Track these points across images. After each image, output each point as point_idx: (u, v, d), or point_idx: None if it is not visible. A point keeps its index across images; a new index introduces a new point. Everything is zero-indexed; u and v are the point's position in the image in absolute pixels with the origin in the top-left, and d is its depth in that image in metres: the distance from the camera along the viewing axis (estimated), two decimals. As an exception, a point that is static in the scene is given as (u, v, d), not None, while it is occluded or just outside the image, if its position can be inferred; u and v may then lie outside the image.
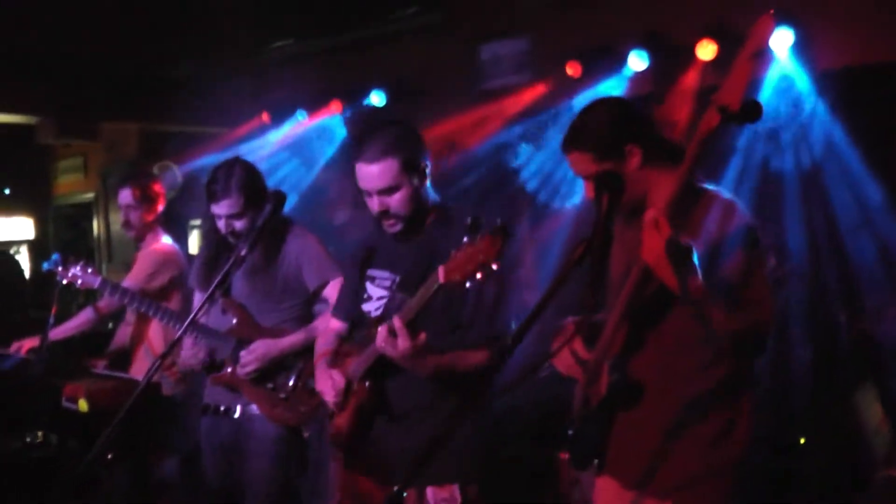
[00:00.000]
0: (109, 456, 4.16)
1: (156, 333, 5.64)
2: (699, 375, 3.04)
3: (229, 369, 4.57)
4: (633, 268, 2.93)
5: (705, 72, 6.36)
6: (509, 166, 7.59)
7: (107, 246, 11.03)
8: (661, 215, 2.71)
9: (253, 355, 4.48)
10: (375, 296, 3.73)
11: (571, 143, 3.14)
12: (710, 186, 3.07)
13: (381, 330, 3.33)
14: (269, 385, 4.53)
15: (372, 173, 3.50)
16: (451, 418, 3.47)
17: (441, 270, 3.03)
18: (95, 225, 11.28)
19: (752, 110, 2.57)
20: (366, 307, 3.77)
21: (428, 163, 3.61)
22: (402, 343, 3.27)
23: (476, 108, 7.68)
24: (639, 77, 6.75)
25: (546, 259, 6.44)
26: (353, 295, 3.89)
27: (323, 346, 4.05)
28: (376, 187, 3.52)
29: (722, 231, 2.91)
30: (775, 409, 5.32)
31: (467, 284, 2.94)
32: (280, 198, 3.80)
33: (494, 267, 2.88)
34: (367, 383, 3.61)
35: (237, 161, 4.56)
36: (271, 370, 4.51)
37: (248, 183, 4.46)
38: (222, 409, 4.65)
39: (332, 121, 8.69)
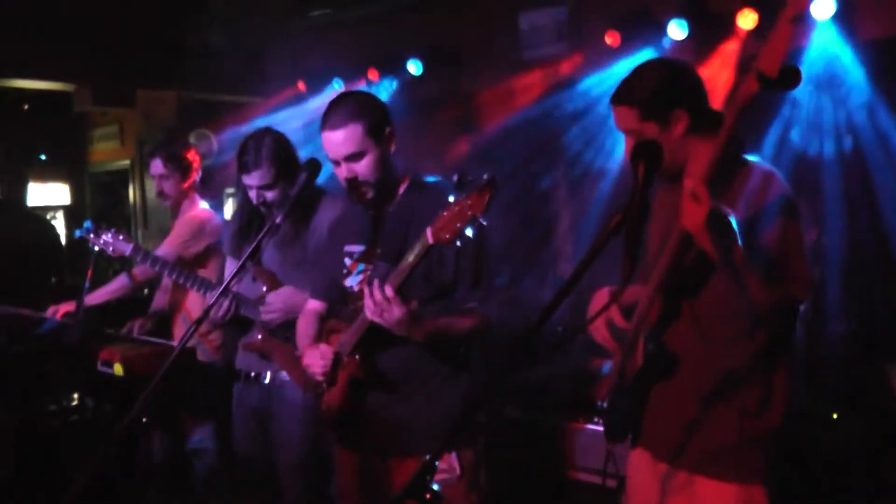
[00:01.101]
0: (144, 420, 4.18)
1: (193, 301, 5.65)
2: (736, 346, 3.03)
3: (259, 336, 4.59)
4: (672, 236, 2.92)
5: (746, 41, 6.31)
6: (546, 137, 7.56)
7: (142, 213, 11.11)
8: (700, 184, 2.70)
9: (279, 297, 4.51)
10: (357, 270, 3.76)
11: (620, 96, 3.14)
12: (749, 157, 3.06)
13: (372, 299, 3.34)
14: (298, 352, 4.53)
15: (336, 139, 3.55)
16: (449, 385, 3.59)
17: (429, 231, 3.07)
18: (131, 192, 11.36)
19: (790, 77, 2.54)
20: (347, 282, 3.80)
21: (393, 128, 3.66)
22: (397, 310, 3.30)
23: (514, 78, 7.66)
24: (678, 46, 6.70)
25: (582, 229, 6.44)
26: (331, 273, 3.92)
27: (305, 327, 4.04)
28: (342, 153, 3.56)
29: (761, 201, 2.90)
30: (809, 382, 5.31)
31: (457, 242, 3.00)
32: (315, 166, 3.80)
33: (483, 221, 2.93)
34: (356, 356, 3.62)
35: (267, 131, 4.56)
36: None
37: (279, 153, 4.47)
38: (252, 375, 4.70)
39: (369, 90, 8.69)
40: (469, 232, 2.98)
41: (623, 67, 6.89)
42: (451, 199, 3.01)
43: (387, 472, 3.71)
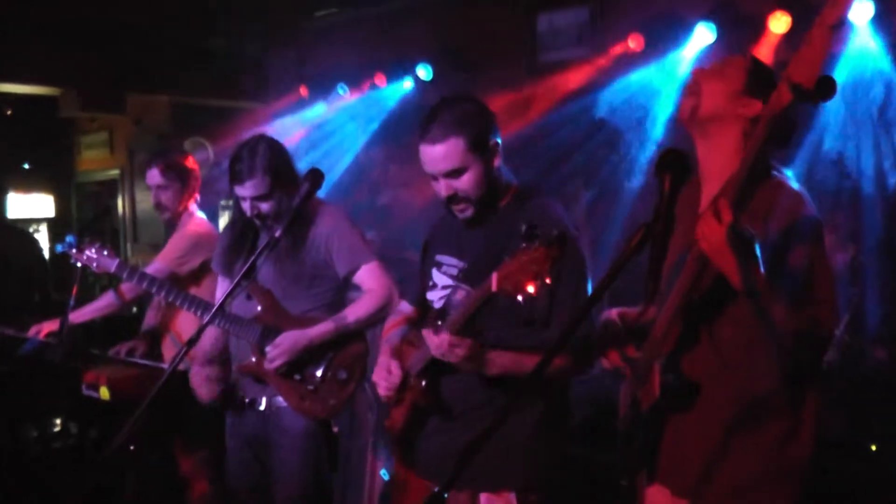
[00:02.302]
0: (132, 447, 4.17)
1: (185, 320, 5.64)
2: (760, 373, 3.01)
3: (254, 359, 4.57)
4: (689, 257, 2.91)
5: (778, 46, 6.31)
6: (564, 147, 7.56)
7: (132, 225, 11.15)
8: (723, 200, 2.69)
9: (279, 349, 4.46)
10: (440, 283, 3.73)
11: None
12: (778, 173, 3.05)
13: (430, 338, 3.33)
14: (297, 376, 4.52)
15: (437, 155, 3.46)
16: (506, 418, 3.50)
17: (494, 277, 2.98)
18: (121, 203, 11.38)
19: (826, 88, 2.53)
20: (430, 295, 3.77)
21: (498, 140, 3.56)
22: (459, 351, 3.28)
23: (530, 84, 7.66)
24: (706, 51, 6.71)
25: (603, 246, 6.43)
26: (422, 280, 3.90)
27: (390, 324, 4.05)
28: (442, 170, 3.48)
29: (786, 223, 2.88)
30: (846, 411, 5.28)
31: (519, 298, 2.89)
32: (317, 176, 3.80)
33: (548, 281, 2.84)
34: (422, 382, 3.60)
35: (262, 139, 4.56)
36: (299, 361, 4.50)
37: (274, 162, 4.46)
38: (247, 400, 4.67)
39: (375, 96, 8.72)
40: (530, 289, 2.92)
41: (647, 74, 6.90)
42: (523, 245, 2.90)
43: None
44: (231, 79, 9.15)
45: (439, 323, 3.38)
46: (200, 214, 5.82)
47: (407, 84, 8.55)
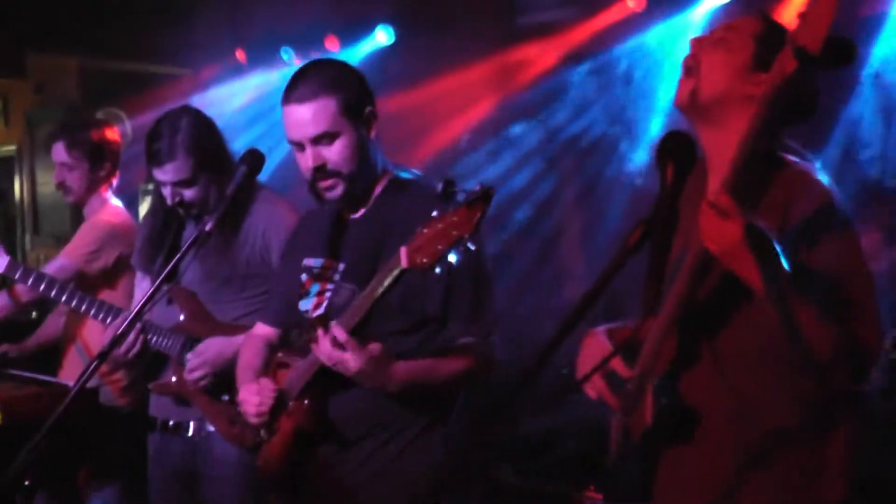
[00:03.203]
0: (27, 482, 4.12)
1: (92, 329, 5.59)
2: (774, 398, 2.96)
3: (174, 378, 4.58)
4: (687, 257, 2.87)
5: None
6: (549, 127, 7.55)
7: (32, 213, 10.97)
8: (722, 194, 2.65)
9: (201, 357, 4.47)
10: (313, 290, 3.75)
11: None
12: (800, 159, 3.01)
13: (323, 341, 3.32)
14: (225, 396, 4.48)
15: (303, 116, 3.53)
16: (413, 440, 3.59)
17: (403, 252, 3.04)
18: (17, 186, 11.24)
19: (839, 52, 2.52)
20: (302, 305, 3.79)
21: (374, 111, 3.65)
22: (354, 360, 3.28)
23: (508, 51, 7.65)
24: (718, 13, 6.71)
25: (595, 242, 6.43)
26: (285, 292, 3.91)
27: (248, 357, 4.03)
28: (310, 134, 3.54)
29: (809, 213, 2.82)
30: (887, 444, 5.28)
31: (437, 269, 2.96)
32: (256, 159, 3.78)
33: (471, 246, 2.90)
34: (305, 402, 3.59)
35: (185, 112, 4.56)
36: (227, 377, 4.42)
37: (200, 141, 4.46)
38: (171, 424, 4.66)
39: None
40: (453, 257, 2.95)
41: (652, 37, 6.92)
42: (435, 212, 2.97)
43: None
44: (152, 39, 9.08)
45: (320, 331, 3.37)
46: (116, 201, 5.79)
47: (365, 48, 8.54)
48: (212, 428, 4.52)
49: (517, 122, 7.58)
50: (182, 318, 4.56)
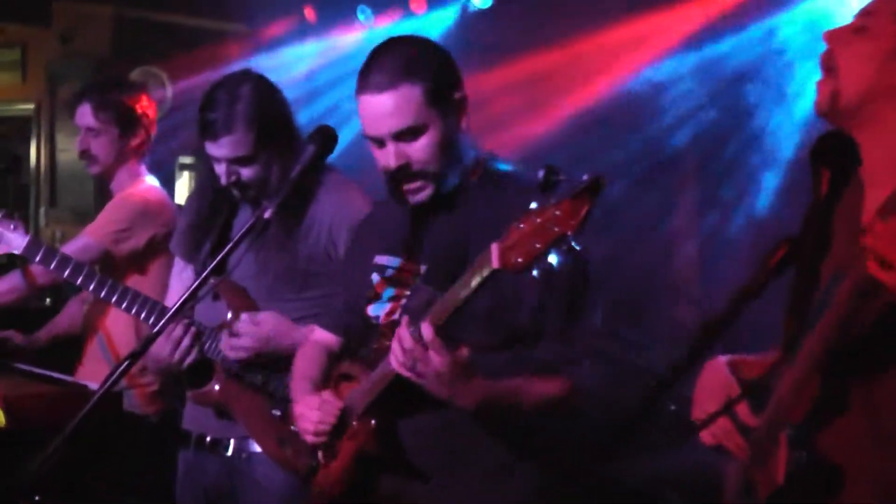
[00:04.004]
0: (37, 498, 4.15)
1: (118, 321, 5.64)
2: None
3: (217, 386, 4.60)
4: (841, 287, 2.84)
5: None
6: (669, 116, 7.52)
7: (49, 183, 11.02)
8: None
9: (254, 331, 4.47)
10: (386, 294, 3.73)
11: None
12: None
13: (400, 340, 3.26)
14: (276, 411, 4.48)
15: (383, 107, 3.49)
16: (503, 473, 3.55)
17: (495, 249, 2.95)
18: (33, 151, 11.30)
19: None
20: (372, 310, 3.76)
21: (465, 96, 3.61)
22: (436, 359, 3.21)
23: (629, 21, 7.62)
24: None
25: (720, 259, 6.37)
26: (351, 293, 3.91)
27: (304, 366, 4.03)
28: (391, 129, 3.49)
29: None
30: None
31: (534, 272, 2.90)
32: (327, 137, 3.75)
33: (575, 245, 2.82)
34: (372, 422, 3.57)
35: (247, 77, 4.57)
36: (270, 366, 4.52)
37: (263, 112, 4.46)
38: (209, 440, 4.69)
39: (409, 25, 8.70)
40: (553, 258, 2.92)
41: (797, 18, 6.88)
42: (533, 205, 2.89)
43: None
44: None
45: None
46: (150, 177, 5.88)
47: (454, 12, 8.54)
48: (256, 448, 4.55)
49: (633, 108, 7.52)
50: (229, 316, 4.57)
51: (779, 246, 2.42)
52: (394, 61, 3.50)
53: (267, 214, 3.57)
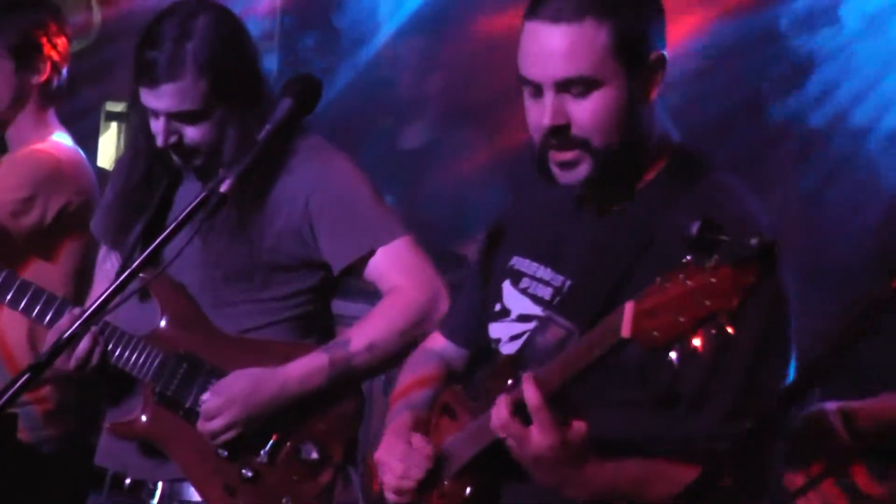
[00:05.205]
0: None
1: (13, 322, 5.63)
2: None
3: (144, 415, 4.56)
4: None
5: None
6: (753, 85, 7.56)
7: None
8: None
9: (226, 395, 4.42)
10: (517, 310, 3.62)
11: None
12: None
13: (500, 406, 3.14)
14: (222, 451, 4.49)
15: (554, 44, 3.32)
16: None
17: (629, 312, 2.76)
18: None
19: None
20: (495, 330, 3.68)
21: (664, 57, 3.42)
22: (538, 438, 3.08)
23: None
24: None
25: (824, 278, 6.40)
26: (476, 299, 3.84)
27: (409, 376, 3.96)
28: (557, 74, 3.32)
29: None
30: None
31: (672, 355, 2.73)
32: (309, 89, 3.68)
33: (730, 331, 2.62)
34: (467, 489, 3.49)
35: (204, 7, 4.53)
36: (263, 432, 4.49)
37: (221, 55, 4.43)
38: (129, 482, 4.66)
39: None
40: (697, 342, 2.74)
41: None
42: (688, 258, 2.67)
43: None
44: None
45: (510, 381, 3.23)
46: (58, 133, 5.83)
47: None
48: (194, 496, 4.53)
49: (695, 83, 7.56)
50: (163, 322, 4.55)
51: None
52: None
53: (224, 188, 3.47)
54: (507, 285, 3.67)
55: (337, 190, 4.48)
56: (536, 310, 3.55)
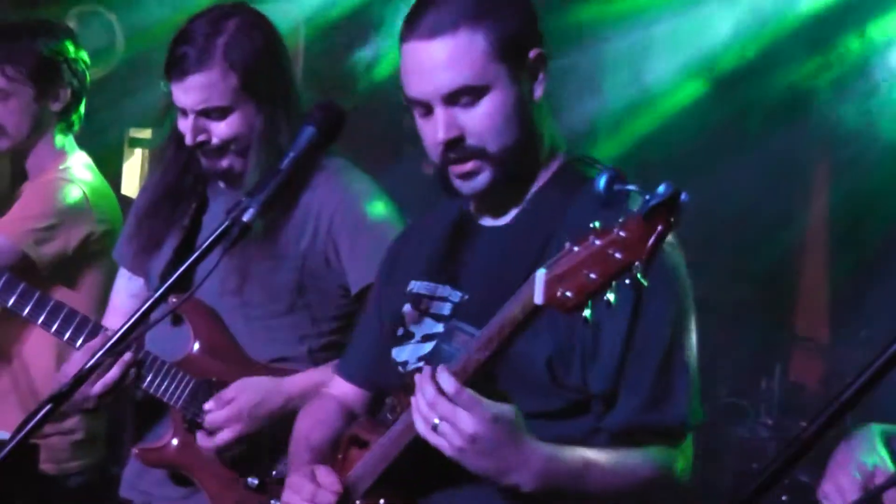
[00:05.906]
0: None
1: (37, 346, 5.62)
2: None
3: (174, 440, 4.55)
4: None
5: None
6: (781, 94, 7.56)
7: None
8: None
9: (232, 407, 4.42)
10: (420, 332, 3.63)
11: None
12: None
13: (422, 392, 3.11)
14: (253, 480, 4.49)
15: (434, 59, 3.41)
16: None
17: (542, 279, 2.78)
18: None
19: None
20: (401, 353, 3.68)
21: (545, 54, 3.50)
22: (466, 418, 3.06)
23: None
24: None
25: (855, 298, 6.39)
26: (378, 331, 3.84)
27: (307, 426, 3.94)
28: (442, 87, 3.41)
29: None
30: None
31: (586, 312, 2.76)
32: (331, 116, 3.62)
33: (642, 280, 2.68)
34: (381, 500, 3.46)
35: (239, 10, 4.55)
36: (267, 444, 4.47)
37: (251, 52, 4.43)
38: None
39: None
40: (611, 296, 2.75)
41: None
42: (596, 223, 2.73)
43: None
44: None
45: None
46: (79, 155, 5.82)
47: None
48: (206, 508, 4.49)
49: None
50: (195, 348, 4.54)
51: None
52: (449, 2, 3.41)
53: (246, 217, 3.40)
54: (407, 309, 3.70)
55: (359, 211, 4.48)
56: (438, 327, 3.56)
